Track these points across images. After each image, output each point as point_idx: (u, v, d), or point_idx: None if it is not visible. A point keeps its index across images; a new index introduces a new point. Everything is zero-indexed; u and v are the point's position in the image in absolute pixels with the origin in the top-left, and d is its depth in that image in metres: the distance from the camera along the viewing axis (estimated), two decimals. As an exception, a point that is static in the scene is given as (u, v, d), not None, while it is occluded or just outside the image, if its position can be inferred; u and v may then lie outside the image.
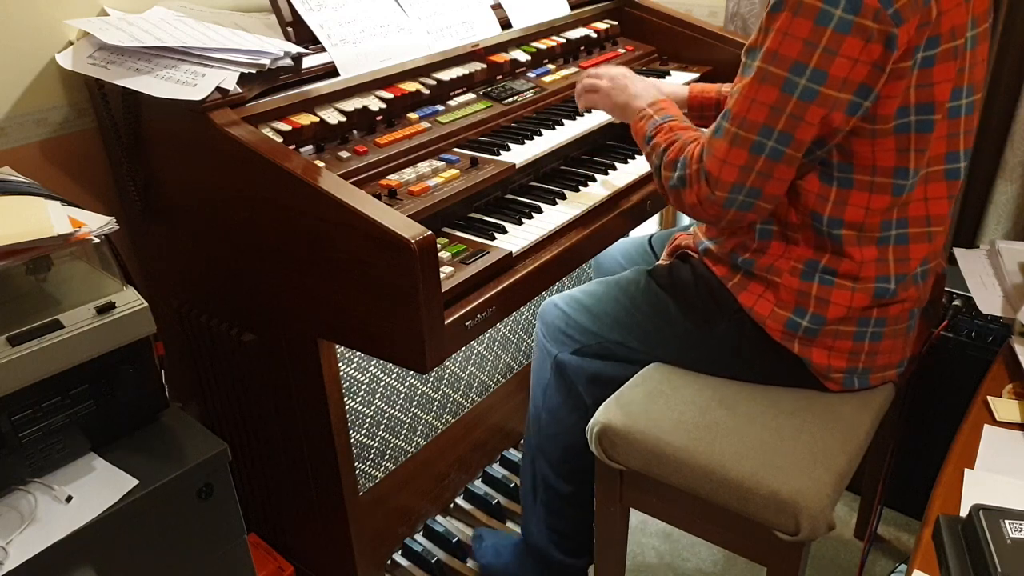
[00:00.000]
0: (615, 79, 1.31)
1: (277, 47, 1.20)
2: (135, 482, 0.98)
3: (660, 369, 1.29)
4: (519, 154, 1.32)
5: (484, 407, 1.74)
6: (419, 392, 1.53)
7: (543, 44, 1.65)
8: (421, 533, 1.66)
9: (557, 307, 1.37)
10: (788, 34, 0.96)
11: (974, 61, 1.03)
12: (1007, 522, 0.80)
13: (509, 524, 1.69)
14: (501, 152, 1.32)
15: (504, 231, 1.20)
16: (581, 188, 1.34)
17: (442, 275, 1.03)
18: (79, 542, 0.92)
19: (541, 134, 1.40)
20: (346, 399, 1.35)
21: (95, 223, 0.98)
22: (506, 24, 1.60)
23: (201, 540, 1.08)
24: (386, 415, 1.46)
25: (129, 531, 0.98)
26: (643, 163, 1.42)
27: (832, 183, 1.07)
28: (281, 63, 1.19)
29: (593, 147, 1.52)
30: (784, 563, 1.10)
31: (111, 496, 0.96)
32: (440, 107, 1.41)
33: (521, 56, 1.58)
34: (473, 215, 1.26)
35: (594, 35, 1.77)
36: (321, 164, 1.15)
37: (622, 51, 1.81)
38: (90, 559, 0.95)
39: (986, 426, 1.04)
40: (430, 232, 0.95)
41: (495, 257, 1.12)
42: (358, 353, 1.34)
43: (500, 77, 1.55)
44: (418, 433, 1.57)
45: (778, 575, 1.12)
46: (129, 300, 1.00)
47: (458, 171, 1.25)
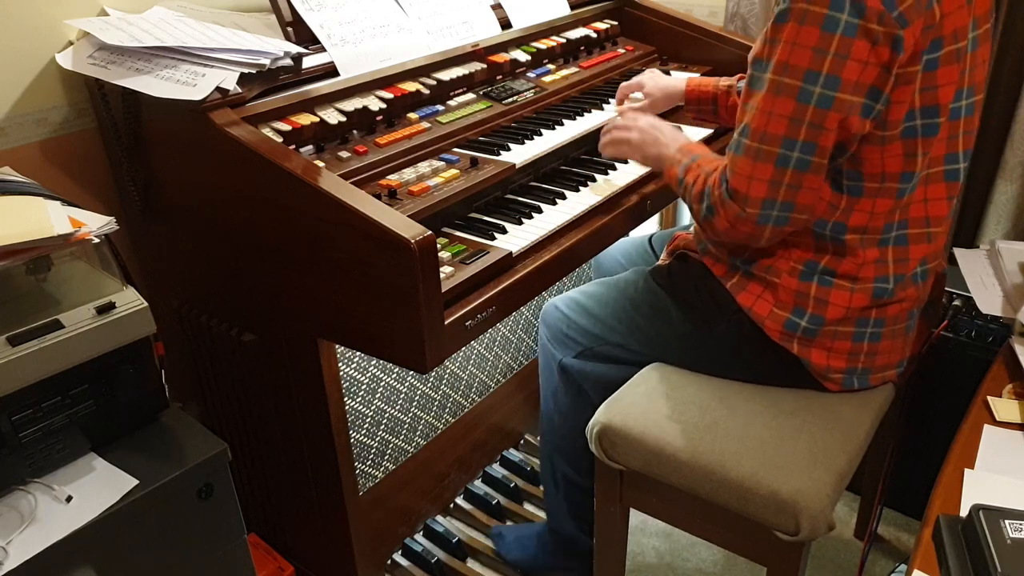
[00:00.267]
0: (645, 131, 1.27)
1: (277, 47, 1.20)
2: (135, 482, 0.98)
3: (660, 369, 1.29)
4: (519, 154, 1.32)
5: (484, 407, 1.74)
6: (419, 392, 1.53)
7: (543, 44, 1.65)
8: (421, 533, 1.66)
9: (558, 309, 1.38)
10: (797, 44, 0.95)
11: (975, 62, 1.03)
12: (1007, 522, 0.80)
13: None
14: (501, 152, 1.32)
15: (504, 231, 1.20)
16: (581, 188, 1.34)
17: (442, 275, 1.03)
18: (79, 542, 0.92)
19: (541, 134, 1.40)
20: (346, 399, 1.35)
21: (95, 223, 0.98)
22: (506, 24, 1.60)
23: (201, 540, 1.08)
24: (386, 415, 1.46)
25: (129, 531, 0.98)
26: (643, 163, 1.42)
27: (843, 191, 1.07)
28: (281, 63, 1.19)
29: (593, 147, 1.51)
30: (784, 563, 1.10)
31: (111, 496, 0.96)
32: (440, 107, 1.41)
33: (521, 56, 1.58)
34: (473, 215, 1.26)
35: (594, 35, 1.77)
36: (321, 164, 1.15)
37: (622, 51, 1.81)
38: (90, 559, 0.95)
39: (986, 426, 1.04)
40: (430, 232, 0.95)
41: (495, 257, 1.12)
42: (358, 353, 1.34)
43: (500, 77, 1.55)
44: (418, 433, 1.57)
45: (778, 575, 1.12)
46: (129, 300, 1.00)
47: (458, 171, 1.25)
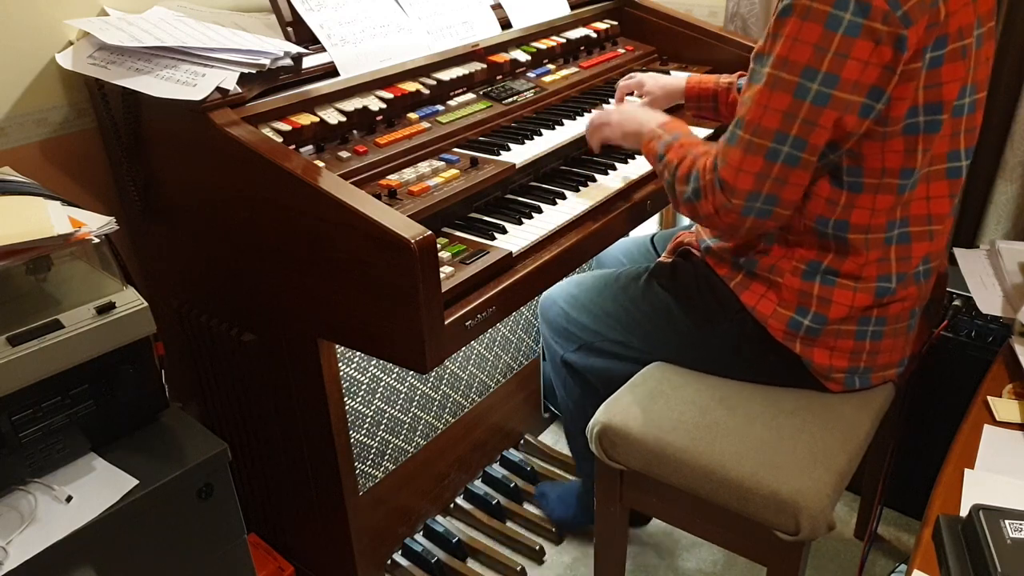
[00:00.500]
0: (624, 112, 1.31)
1: (277, 47, 1.20)
2: (135, 482, 0.98)
3: (660, 369, 1.29)
4: (519, 154, 1.32)
5: (484, 407, 1.74)
6: (419, 392, 1.53)
7: (543, 44, 1.65)
8: (421, 533, 1.66)
9: (557, 304, 1.38)
10: (798, 39, 0.95)
11: (979, 60, 1.03)
12: (1007, 522, 0.80)
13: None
14: (501, 152, 1.32)
15: (504, 231, 1.20)
16: (581, 188, 1.34)
17: (442, 275, 1.03)
18: (79, 542, 0.92)
19: (541, 134, 1.40)
20: (346, 399, 1.35)
21: (95, 223, 0.98)
22: (506, 24, 1.60)
23: (201, 540, 1.08)
24: (386, 415, 1.46)
25: (129, 531, 0.98)
26: (643, 163, 1.42)
27: (843, 187, 1.07)
28: (281, 63, 1.19)
29: (593, 147, 1.52)
30: (784, 563, 1.10)
31: (111, 496, 0.96)
32: (440, 107, 1.41)
33: (521, 56, 1.58)
34: (473, 215, 1.26)
35: (594, 35, 1.77)
36: (321, 164, 1.15)
37: (622, 51, 1.81)
38: (90, 559, 0.95)
39: (986, 426, 1.04)
40: (430, 232, 0.95)
41: (495, 257, 1.12)
42: (358, 353, 1.34)
43: (500, 77, 1.55)
44: (418, 433, 1.57)
45: (778, 575, 1.12)
46: (129, 300, 1.00)
47: (458, 171, 1.25)
